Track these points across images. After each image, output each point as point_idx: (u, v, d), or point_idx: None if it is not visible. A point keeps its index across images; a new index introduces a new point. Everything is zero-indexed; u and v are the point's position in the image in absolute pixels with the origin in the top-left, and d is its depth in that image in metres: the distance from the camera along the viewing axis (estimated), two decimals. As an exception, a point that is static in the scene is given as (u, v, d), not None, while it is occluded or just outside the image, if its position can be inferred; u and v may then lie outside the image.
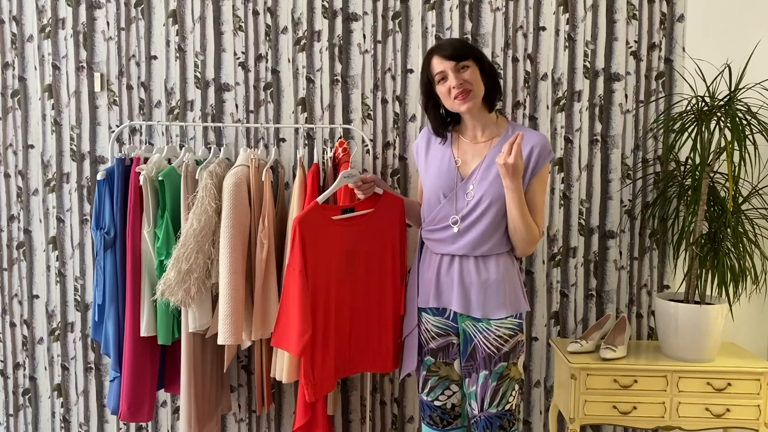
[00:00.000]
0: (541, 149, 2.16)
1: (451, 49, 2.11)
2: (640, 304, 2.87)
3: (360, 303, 2.32)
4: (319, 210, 2.22)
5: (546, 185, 2.22)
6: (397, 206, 2.37)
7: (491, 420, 2.19)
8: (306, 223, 2.16)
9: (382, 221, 2.34)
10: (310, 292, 2.17)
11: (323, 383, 2.25)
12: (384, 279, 2.35)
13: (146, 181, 2.46)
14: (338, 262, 2.26)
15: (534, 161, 2.16)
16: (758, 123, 2.46)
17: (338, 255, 2.25)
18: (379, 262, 2.34)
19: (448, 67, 2.10)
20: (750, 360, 2.56)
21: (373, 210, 2.33)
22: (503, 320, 2.17)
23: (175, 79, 2.85)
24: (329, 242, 2.23)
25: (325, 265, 2.22)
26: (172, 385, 2.72)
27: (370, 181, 2.31)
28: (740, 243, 2.51)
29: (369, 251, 2.32)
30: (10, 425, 3.01)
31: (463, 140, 2.24)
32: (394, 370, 2.42)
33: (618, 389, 2.50)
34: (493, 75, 2.18)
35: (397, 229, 2.37)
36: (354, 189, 2.33)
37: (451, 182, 2.20)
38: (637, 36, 2.78)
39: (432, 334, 2.25)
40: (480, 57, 2.15)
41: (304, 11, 2.81)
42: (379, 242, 2.34)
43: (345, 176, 2.28)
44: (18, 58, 2.88)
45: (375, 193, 2.34)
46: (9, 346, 2.98)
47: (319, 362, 2.22)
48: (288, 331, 2.16)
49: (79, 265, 2.93)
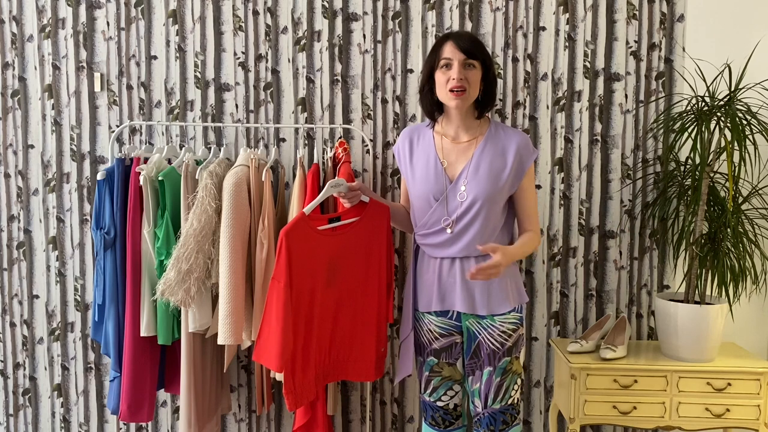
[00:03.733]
0: (524, 148, 2.18)
1: (468, 42, 2.11)
2: (640, 304, 2.87)
3: (343, 312, 2.30)
4: (305, 221, 2.19)
5: (534, 181, 2.25)
6: (383, 214, 2.34)
7: (495, 416, 2.20)
8: (292, 235, 2.14)
9: (368, 229, 2.31)
10: (293, 304, 2.15)
11: (303, 392, 2.23)
12: (368, 288, 2.33)
13: (146, 181, 2.46)
14: (322, 272, 2.23)
15: (520, 163, 2.17)
16: (758, 123, 2.46)
17: (323, 265, 2.23)
18: (364, 270, 2.32)
19: (456, 58, 2.10)
20: (750, 360, 2.56)
21: (359, 218, 2.30)
22: (506, 315, 2.18)
23: (175, 79, 2.85)
24: (314, 253, 2.20)
25: (310, 276, 2.20)
26: (172, 385, 2.72)
27: (356, 189, 2.27)
28: (740, 243, 2.51)
29: (354, 260, 2.29)
30: (10, 425, 3.01)
31: (446, 140, 2.22)
32: (376, 379, 2.40)
33: (618, 389, 2.50)
34: (493, 84, 2.18)
35: (383, 237, 2.34)
36: (339, 198, 2.30)
37: (440, 185, 2.18)
38: (637, 36, 2.78)
39: (435, 334, 2.25)
40: (488, 62, 2.15)
41: (304, 11, 2.81)
42: (365, 251, 2.31)
43: (332, 186, 2.24)
44: (18, 58, 2.88)
45: (361, 201, 2.30)
46: (9, 346, 2.98)
47: (299, 373, 2.20)
48: (269, 345, 2.14)
49: (79, 265, 2.93)
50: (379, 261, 2.34)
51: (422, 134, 2.27)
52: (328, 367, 2.32)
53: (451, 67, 2.11)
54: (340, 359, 2.34)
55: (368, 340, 2.34)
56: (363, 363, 2.35)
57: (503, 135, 2.19)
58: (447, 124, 2.23)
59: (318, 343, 2.26)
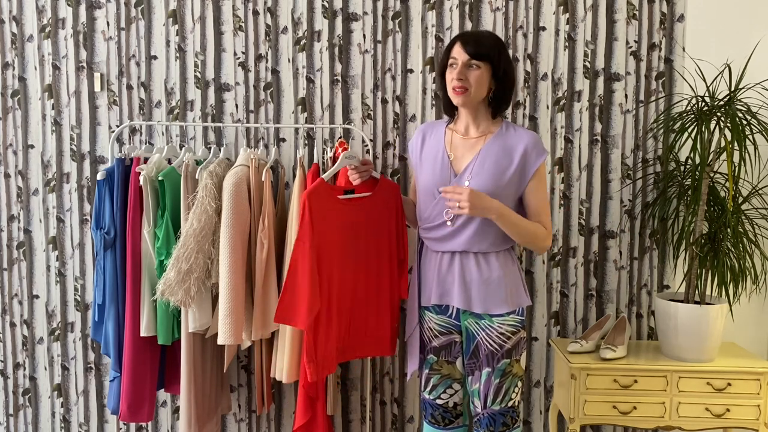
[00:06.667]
0: (533, 149, 2.17)
1: (472, 45, 2.13)
2: (640, 304, 2.87)
3: (360, 286, 2.33)
4: (325, 186, 2.22)
5: (545, 182, 2.22)
6: (394, 191, 2.39)
7: (494, 417, 2.20)
8: (314, 197, 2.16)
9: (380, 205, 2.36)
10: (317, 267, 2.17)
11: (325, 363, 2.24)
12: (382, 262, 2.36)
13: (146, 181, 2.46)
14: (341, 242, 2.26)
15: (528, 162, 2.16)
16: (758, 123, 2.47)
17: (341, 234, 2.26)
18: (377, 245, 2.35)
19: (461, 59, 2.13)
20: (750, 360, 2.56)
21: (371, 194, 2.34)
22: (505, 317, 2.18)
23: (175, 79, 2.85)
24: (334, 220, 2.23)
25: (330, 243, 2.22)
26: (172, 385, 2.72)
27: (368, 164, 2.34)
28: (740, 243, 2.51)
29: (368, 234, 2.33)
30: (10, 425, 3.01)
31: (456, 135, 2.25)
32: (392, 354, 2.43)
33: (618, 389, 2.50)
34: (507, 83, 2.18)
35: (393, 213, 2.38)
36: (349, 173, 2.33)
37: (444, 177, 2.20)
38: (637, 36, 2.78)
39: (435, 332, 2.26)
40: (497, 62, 2.15)
41: (304, 11, 2.81)
42: (377, 225, 2.35)
43: (346, 156, 2.31)
44: (18, 58, 2.88)
45: (372, 177, 2.36)
46: (9, 346, 2.98)
47: (322, 341, 2.21)
48: (295, 304, 2.15)
49: (79, 265, 2.93)
50: (390, 237, 2.37)
51: (435, 129, 2.31)
52: (347, 342, 2.34)
53: (456, 67, 2.14)
54: (359, 334, 2.36)
55: (383, 314, 2.37)
56: (379, 338, 2.38)
57: (513, 134, 2.20)
58: (459, 121, 2.27)
59: (339, 315, 2.28)
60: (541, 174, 2.19)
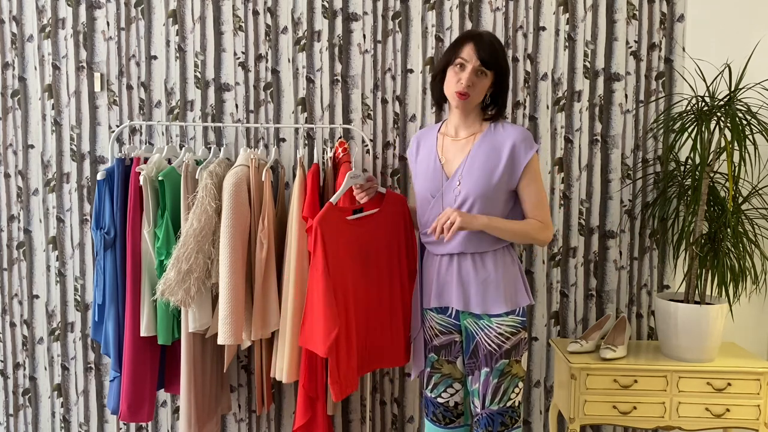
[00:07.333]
0: (521, 143, 2.14)
1: (488, 52, 2.10)
2: (640, 304, 2.87)
3: (374, 302, 2.34)
4: (334, 210, 2.23)
5: (539, 177, 2.16)
6: (400, 203, 2.40)
7: (493, 417, 2.20)
8: (325, 223, 2.17)
9: (388, 219, 2.37)
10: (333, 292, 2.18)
11: (348, 382, 2.25)
12: (393, 276, 2.37)
13: (146, 181, 2.46)
14: (354, 262, 2.27)
15: (518, 157, 2.14)
16: (758, 123, 2.46)
17: (353, 255, 2.27)
18: (388, 259, 2.36)
19: (472, 63, 2.10)
20: (750, 360, 2.56)
21: (378, 210, 2.35)
22: (504, 317, 2.17)
23: (175, 79, 2.85)
24: (345, 242, 2.24)
25: (343, 265, 2.23)
26: (172, 385, 2.72)
27: (372, 180, 2.35)
28: (740, 243, 2.51)
29: (379, 249, 2.34)
30: (10, 425, 3.01)
31: (447, 138, 2.25)
32: (406, 363, 2.43)
33: (618, 389, 2.50)
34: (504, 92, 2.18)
35: (402, 226, 2.39)
36: (355, 193, 2.34)
37: (437, 181, 2.21)
38: (637, 36, 2.78)
39: (436, 331, 2.27)
40: (503, 74, 2.15)
41: (304, 11, 2.81)
42: (388, 240, 2.36)
43: (351, 177, 2.31)
44: (18, 58, 2.88)
45: (378, 192, 2.37)
46: (9, 346, 2.98)
47: (344, 361, 2.23)
48: (314, 330, 2.16)
49: (79, 265, 2.93)
50: (399, 249, 2.38)
51: (428, 135, 2.31)
52: (365, 356, 2.35)
53: (465, 69, 2.11)
54: (376, 347, 2.36)
55: (397, 326, 2.38)
56: (395, 349, 2.39)
57: (501, 131, 2.18)
58: (449, 122, 2.26)
59: (357, 332, 2.29)
60: (533, 168, 2.16)
